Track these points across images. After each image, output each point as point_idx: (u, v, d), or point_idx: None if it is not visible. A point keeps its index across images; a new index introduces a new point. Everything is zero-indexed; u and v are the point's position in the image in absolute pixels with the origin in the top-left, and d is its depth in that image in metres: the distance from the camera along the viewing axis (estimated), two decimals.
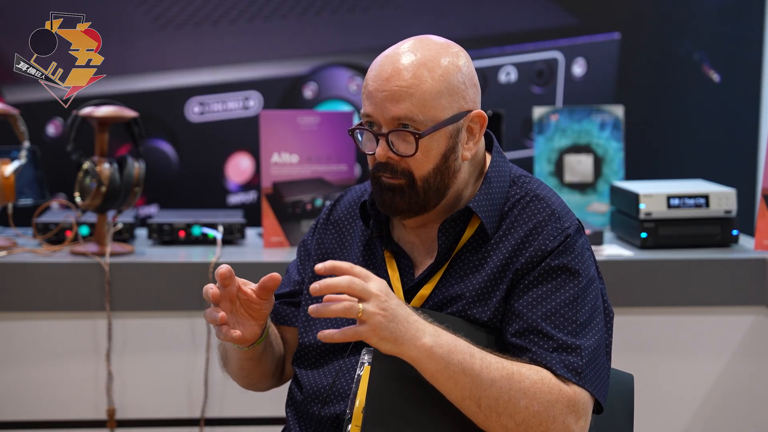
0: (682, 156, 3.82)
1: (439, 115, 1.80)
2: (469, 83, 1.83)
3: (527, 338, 1.78)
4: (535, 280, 1.81)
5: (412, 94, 1.79)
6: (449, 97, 1.81)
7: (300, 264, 2.06)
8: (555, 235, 1.82)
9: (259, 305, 1.84)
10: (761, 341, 2.96)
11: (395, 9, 3.70)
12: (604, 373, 1.81)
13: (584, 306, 1.80)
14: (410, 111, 1.79)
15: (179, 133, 3.64)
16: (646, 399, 2.90)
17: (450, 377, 1.70)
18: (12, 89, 3.52)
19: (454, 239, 1.87)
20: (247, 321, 1.85)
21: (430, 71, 1.79)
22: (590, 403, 1.77)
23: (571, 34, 3.78)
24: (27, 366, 2.90)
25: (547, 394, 1.72)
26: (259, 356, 1.94)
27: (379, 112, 1.81)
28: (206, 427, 2.94)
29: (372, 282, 1.69)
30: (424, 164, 1.82)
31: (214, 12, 3.65)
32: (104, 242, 2.95)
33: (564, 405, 1.73)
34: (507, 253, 1.83)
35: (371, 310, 1.66)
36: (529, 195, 1.87)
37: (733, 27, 3.81)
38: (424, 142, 1.80)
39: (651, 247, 3.07)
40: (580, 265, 1.81)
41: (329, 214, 2.05)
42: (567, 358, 1.75)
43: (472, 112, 1.84)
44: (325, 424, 1.88)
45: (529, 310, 1.79)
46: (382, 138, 1.81)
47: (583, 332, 1.78)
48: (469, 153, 1.85)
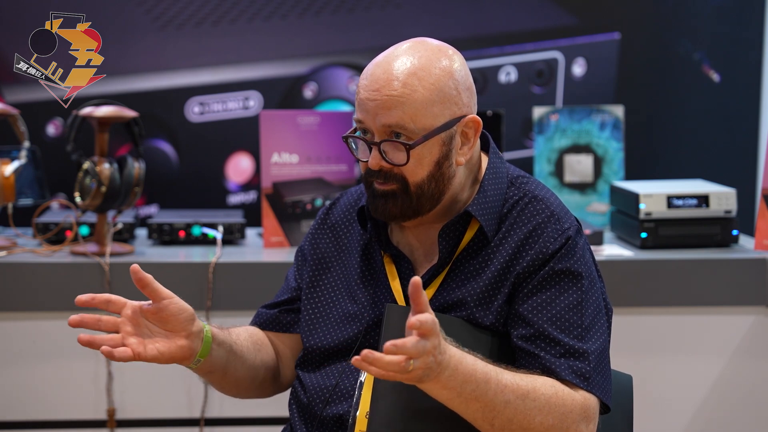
0: (682, 156, 3.82)
1: (431, 123, 1.79)
2: (462, 88, 1.82)
3: (535, 343, 1.79)
4: (540, 285, 1.81)
5: (403, 104, 1.77)
6: (441, 104, 1.79)
7: (297, 270, 2.05)
8: (556, 237, 1.82)
9: (165, 311, 1.76)
10: (761, 341, 2.96)
11: (395, 9, 3.70)
12: (609, 373, 1.82)
13: (588, 308, 1.80)
14: (401, 120, 1.78)
15: (179, 133, 3.64)
16: (646, 399, 2.90)
17: (462, 403, 1.70)
18: (12, 89, 3.52)
19: (454, 243, 1.87)
20: (169, 336, 1.78)
21: (420, 80, 1.78)
22: (598, 406, 1.79)
23: (571, 34, 3.78)
24: (27, 366, 2.90)
25: (561, 407, 1.74)
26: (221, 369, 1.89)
27: (371, 120, 1.80)
28: (206, 427, 2.94)
29: (431, 339, 1.60)
30: (417, 172, 1.81)
31: (214, 12, 3.65)
32: (104, 242, 2.95)
33: (577, 414, 1.75)
34: (507, 256, 1.83)
35: (419, 366, 1.61)
36: (528, 196, 1.87)
37: (733, 27, 3.81)
38: (416, 151, 1.79)
39: (651, 247, 3.06)
40: (582, 268, 1.82)
41: (325, 218, 2.04)
42: (575, 363, 1.77)
43: (466, 117, 1.82)
44: (328, 424, 1.88)
45: (534, 315, 1.79)
46: (375, 147, 1.80)
47: (588, 335, 1.79)
48: (463, 158, 1.84)
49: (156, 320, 1.78)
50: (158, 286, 1.77)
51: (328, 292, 1.98)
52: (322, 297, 1.98)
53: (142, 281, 1.75)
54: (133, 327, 1.77)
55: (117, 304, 1.77)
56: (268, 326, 2.04)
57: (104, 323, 1.76)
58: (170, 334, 1.78)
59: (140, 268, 1.75)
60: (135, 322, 1.77)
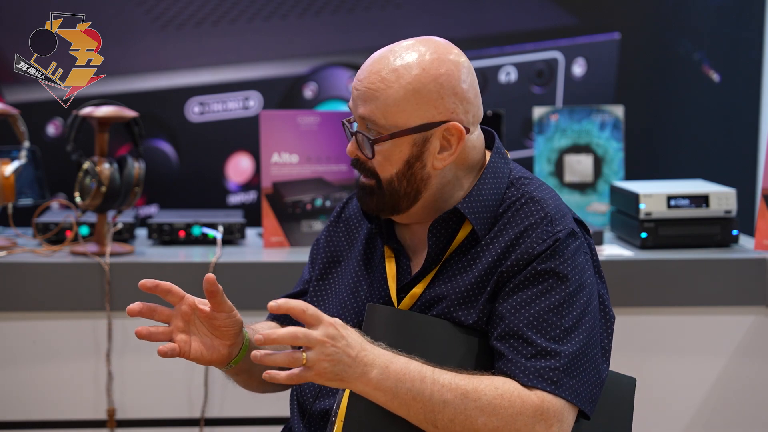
0: (682, 156, 3.82)
1: (402, 122, 1.79)
2: (447, 93, 1.80)
3: (507, 343, 1.76)
4: (521, 284, 1.79)
5: (377, 98, 1.79)
6: (416, 105, 1.79)
7: (310, 263, 2.07)
8: (544, 238, 1.80)
9: (218, 320, 1.78)
10: (761, 341, 2.96)
11: (395, 9, 3.70)
12: (591, 379, 1.77)
13: (571, 312, 1.77)
14: (373, 114, 1.79)
15: (179, 133, 3.64)
16: (646, 399, 2.90)
17: (402, 405, 1.71)
18: (12, 89, 3.52)
19: (446, 240, 1.86)
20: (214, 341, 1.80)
21: (399, 78, 1.78)
22: (566, 409, 1.74)
23: (571, 34, 3.78)
24: (27, 366, 2.90)
25: (508, 408, 1.71)
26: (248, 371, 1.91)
27: (354, 109, 1.84)
28: (206, 427, 2.94)
29: (320, 327, 1.67)
30: (386, 167, 1.82)
31: (214, 12, 3.65)
32: (104, 242, 2.95)
33: (529, 415, 1.71)
34: (496, 255, 1.82)
35: (315, 358, 1.65)
36: (525, 197, 1.86)
37: (733, 27, 3.81)
38: (383, 148, 1.80)
39: (651, 247, 3.07)
40: (569, 270, 1.79)
41: (341, 212, 2.06)
42: (542, 364, 1.73)
43: (447, 123, 1.80)
44: (315, 418, 1.90)
45: (512, 314, 1.77)
46: (354, 136, 1.84)
47: (567, 338, 1.75)
48: (441, 164, 1.82)
49: (207, 323, 1.80)
50: (224, 299, 1.78)
51: (333, 286, 2.00)
52: (328, 290, 2.01)
53: (212, 292, 1.76)
54: (184, 323, 1.79)
55: (176, 295, 1.79)
56: (283, 319, 2.05)
57: (158, 314, 1.79)
58: (214, 338, 1.80)
59: (215, 280, 1.76)
60: (186, 318, 1.79)
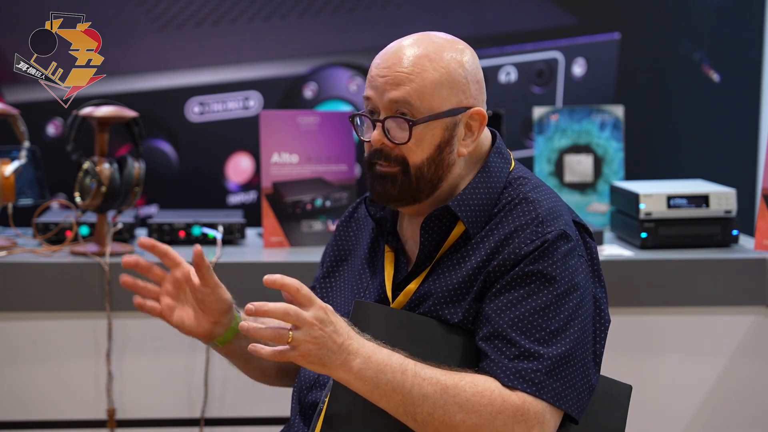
0: (682, 156, 3.82)
1: (437, 106, 1.82)
2: (471, 80, 1.85)
3: (492, 343, 1.76)
4: (508, 285, 1.78)
5: (412, 80, 1.81)
6: (449, 89, 1.82)
7: (320, 262, 2.09)
8: (532, 239, 1.79)
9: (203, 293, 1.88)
10: (761, 341, 2.96)
11: (395, 9, 3.70)
12: (578, 382, 1.77)
13: (559, 314, 1.76)
14: (408, 96, 1.81)
15: (179, 133, 3.64)
16: (646, 399, 2.90)
17: (382, 396, 1.71)
18: (12, 89, 3.52)
19: (440, 237, 1.87)
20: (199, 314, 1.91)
21: (431, 62, 1.82)
22: (548, 411, 1.73)
23: (571, 34, 3.78)
24: (27, 366, 2.90)
25: (487, 406, 1.71)
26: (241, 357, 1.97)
27: (378, 96, 1.83)
28: (206, 427, 2.94)
29: (311, 309, 1.69)
30: (417, 153, 1.83)
31: (214, 12, 3.65)
32: (104, 242, 2.95)
33: (508, 416, 1.71)
34: (485, 255, 1.82)
35: (301, 338, 1.67)
36: (519, 198, 1.86)
37: (733, 27, 3.81)
38: (418, 131, 1.82)
39: (651, 247, 3.07)
40: (557, 272, 1.78)
41: (353, 211, 2.07)
42: (525, 365, 1.73)
43: (472, 108, 1.85)
44: (307, 410, 1.92)
45: (498, 315, 1.77)
46: (379, 124, 1.83)
47: (553, 340, 1.75)
48: (465, 149, 1.86)
49: (195, 296, 1.89)
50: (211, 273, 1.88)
51: (338, 284, 2.02)
52: (333, 288, 2.02)
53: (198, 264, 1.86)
54: (174, 289, 1.90)
55: (172, 260, 1.90)
56: None
57: (152, 274, 1.89)
58: (199, 312, 1.91)
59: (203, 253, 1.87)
60: (177, 285, 1.90)
